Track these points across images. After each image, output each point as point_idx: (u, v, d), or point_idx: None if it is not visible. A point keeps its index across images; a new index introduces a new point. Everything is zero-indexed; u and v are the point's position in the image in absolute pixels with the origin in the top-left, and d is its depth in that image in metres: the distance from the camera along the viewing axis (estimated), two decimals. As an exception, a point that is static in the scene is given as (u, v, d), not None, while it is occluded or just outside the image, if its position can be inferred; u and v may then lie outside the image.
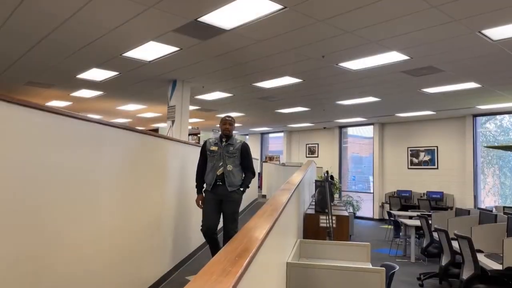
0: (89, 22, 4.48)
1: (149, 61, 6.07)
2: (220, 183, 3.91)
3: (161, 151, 3.94)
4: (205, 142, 4.15)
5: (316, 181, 4.95)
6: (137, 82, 7.55)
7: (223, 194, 3.91)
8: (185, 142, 4.99)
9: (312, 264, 2.58)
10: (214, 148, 4.00)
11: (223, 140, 4.02)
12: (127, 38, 5.01)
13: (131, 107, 10.80)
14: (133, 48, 5.44)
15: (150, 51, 5.53)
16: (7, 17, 4.37)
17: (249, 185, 4.14)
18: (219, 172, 3.91)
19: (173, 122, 7.53)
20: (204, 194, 4.05)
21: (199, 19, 4.30)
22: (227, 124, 4.02)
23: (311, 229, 4.40)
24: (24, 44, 5.38)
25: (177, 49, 5.41)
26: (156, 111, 11.53)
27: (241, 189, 4.02)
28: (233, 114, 11.63)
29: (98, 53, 5.71)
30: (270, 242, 1.80)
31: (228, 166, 3.91)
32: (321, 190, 4.57)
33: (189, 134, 9.79)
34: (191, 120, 12.68)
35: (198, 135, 14.51)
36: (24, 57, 5.95)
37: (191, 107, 9.37)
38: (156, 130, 14.44)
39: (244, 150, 4.05)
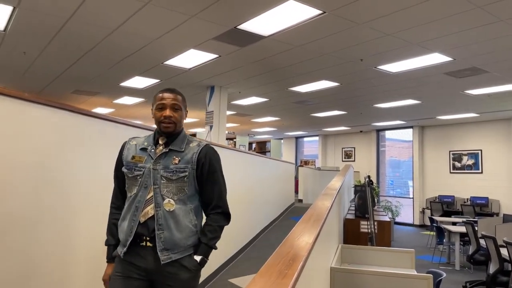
0: (134, 33, 4.67)
1: (189, 69, 6.24)
2: (148, 242, 1.72)
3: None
4: (122, 146, 1.90)
5: (355, 185, 4.90)
6: (176, 88, 7.75)
7: (153, 271, 1.72)
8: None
9: (357, 269, 2.57)
10: (138, 157, 1.80)
11: (160, 142, 1.82)
12: (169, 47, 5.18)
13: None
14: (174, 57, 5.61)
15: (190, 58, 5.69)
16: (58, 30, 4.64)
17: (216, 246, 1.85)
18: (144, 215, 1.73)
19: (211, 127, 7.69)
20: (114, 266, 1.80)
21: (238, 27, 4.39)
22: (167, 108, 1.79)
23: (352, 234, 4.36)
24: (73, 55, 5.67)
25: (216, 56, 5.53)
26: (193, 117, 11.77)
27: (197, 257, 1.76)
28: (269, 119, 11.69)
29: (141, 62, 5.93)
30: (317, 247, 1.82)
31: (167, 201, 1.73)
32: (361, 194, 4.53)
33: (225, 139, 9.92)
34: (227, 125, 12.86)
35: (234, 140, 14.68)
36: (72, 67, 6.28)
37: (227, 112, 9.52)
38: (194, 135, 14.75)
39: (207, 162, 1.82)
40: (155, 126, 1.83)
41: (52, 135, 2.06)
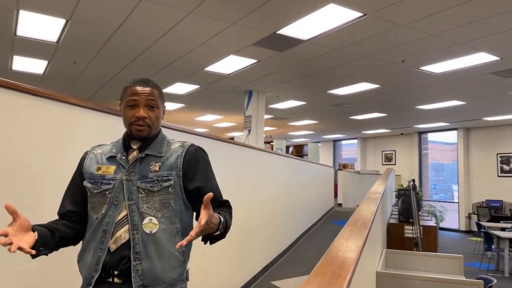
0: (176, 42, 4.84)
1: (228, 74, 6.36)
2: (116, 277, 1.30)
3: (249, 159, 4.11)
4: (83, 157, 1.49)
5: (398, 189, 4.80)
6: (215, 94, 7.92)
7: None
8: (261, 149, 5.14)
9: (404, 274, 2.54)
10: (106, 168, 1.41)
11: (133, 146, 1.43)
12: (210, 54, 5.31)
13: (208, 117, 11.32)
14: (214, 63, 5.74)
15: (230, 64, 5.80)
16: (106, 40, 4.88)
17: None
18: (115, 241, 1.31)
19: (249, 131, 7.78)
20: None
21: (277, 32, 4.44)
22: (140, 106, 1.38)
23: (395, 239, 4.28)
24: (118, 64, 5.94)
25: (255, 61, 5.61)
26: (231, 121, 11.94)
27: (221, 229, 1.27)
28: (306, 122, 11.66)
29: (183, 69, 6.12)
30: (364, 250, 1.83)
31: (147, 220, 1.33)
32: (405, 199, 4.43)
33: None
34: (264, 129, 12.93)
35: (271, 143, 14.73)
36: (118, 75, 6.57)
37: (265, 116, 9.59)
38: (231, 139, 14.94)
39: (197, 164, 1.44)
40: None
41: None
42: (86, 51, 5.33)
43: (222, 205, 1.43)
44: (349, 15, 3.93)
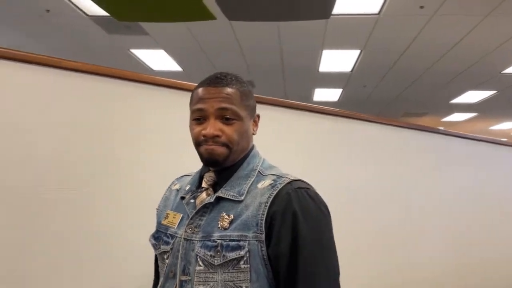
0: (469, 49, 4.58)
1: (535, 72, 5.43)
2: None
3: None
4: (167, 192, 1.03)
5: None
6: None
7: None
8: None
9: None
10: (173, 215, 0.92)
11: (204, 184, 0.91)
12: (510, 54, 4.73)
13: (505, 125, 9.87)
14: (516, 63, 5.06)
15: (537, 61, 4.96)
16: (393, 62, 5.15)
17: None
18: None
19: None
20: None
21: None
22: (209, 119, 0.85)
23: None
24: (404, 82, 6.11)
25: None
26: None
27: None
28: None
29: (475, 76, 5.67)
30: None
31: None
32: None
33: None
34: None
35: None
36: (402, 93, 6.73)
37: None
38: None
39: (284, 215, 0.78)
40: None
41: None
42: (375, 75, 5.78)
43: None
44: None
